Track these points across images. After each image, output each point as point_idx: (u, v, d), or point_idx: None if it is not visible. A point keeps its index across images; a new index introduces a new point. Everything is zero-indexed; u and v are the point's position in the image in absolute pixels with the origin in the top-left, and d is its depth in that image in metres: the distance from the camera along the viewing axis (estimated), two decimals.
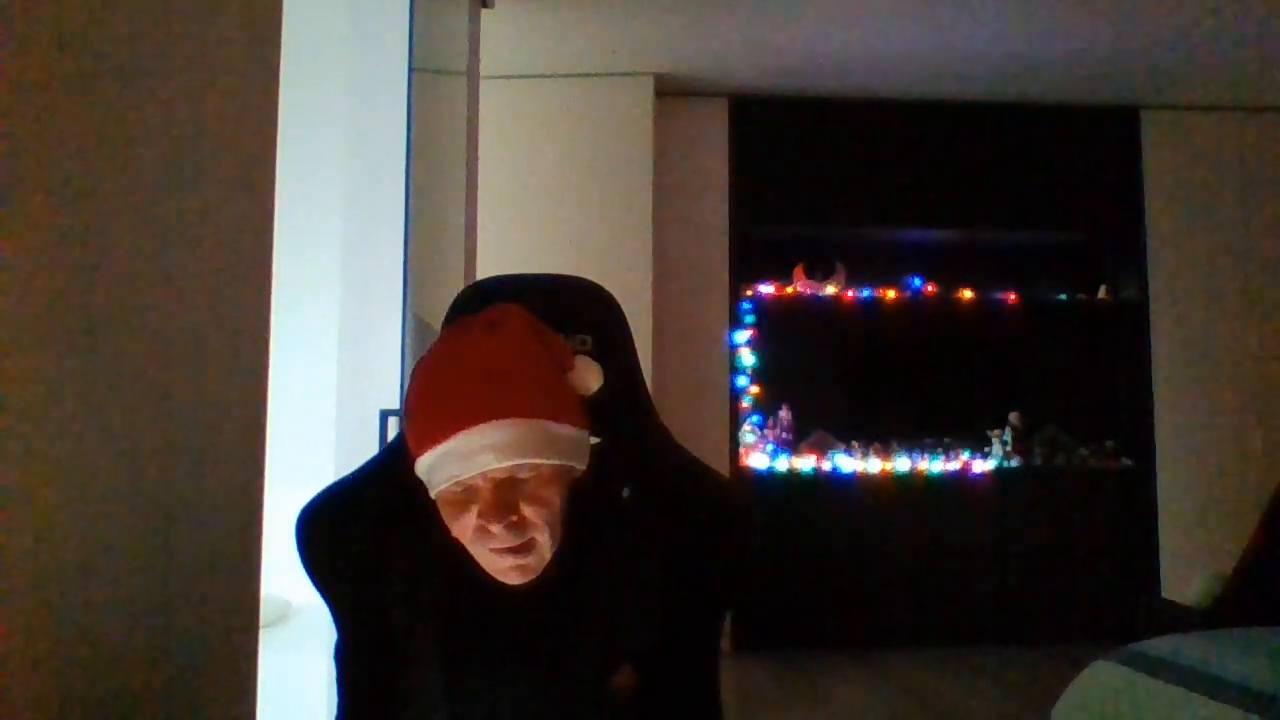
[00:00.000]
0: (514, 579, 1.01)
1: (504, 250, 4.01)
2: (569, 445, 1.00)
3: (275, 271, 1.47)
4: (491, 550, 0.99)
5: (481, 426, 0.96)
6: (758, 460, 4.78)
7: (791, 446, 4.87)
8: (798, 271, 5.03)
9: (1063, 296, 5.11)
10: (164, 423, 1.15)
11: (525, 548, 0.99)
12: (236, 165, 1.37)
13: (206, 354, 1.27)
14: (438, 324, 1.24)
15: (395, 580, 1.07)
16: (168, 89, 1.15)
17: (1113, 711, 1.83)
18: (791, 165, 4.95)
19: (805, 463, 4.77)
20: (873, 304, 5.03)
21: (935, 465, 4.80)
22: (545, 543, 1.00)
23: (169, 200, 1.16)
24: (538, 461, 0.97)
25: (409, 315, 2.32)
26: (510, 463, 0.96)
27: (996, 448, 4.86)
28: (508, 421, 0.96)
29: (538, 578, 1.02)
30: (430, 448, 0.98)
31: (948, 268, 5.10)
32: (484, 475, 0.97)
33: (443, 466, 0.97)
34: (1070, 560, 4.73)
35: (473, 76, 3.43)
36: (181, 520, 1.19)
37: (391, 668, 1.06)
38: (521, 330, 1.01)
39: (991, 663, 4.33)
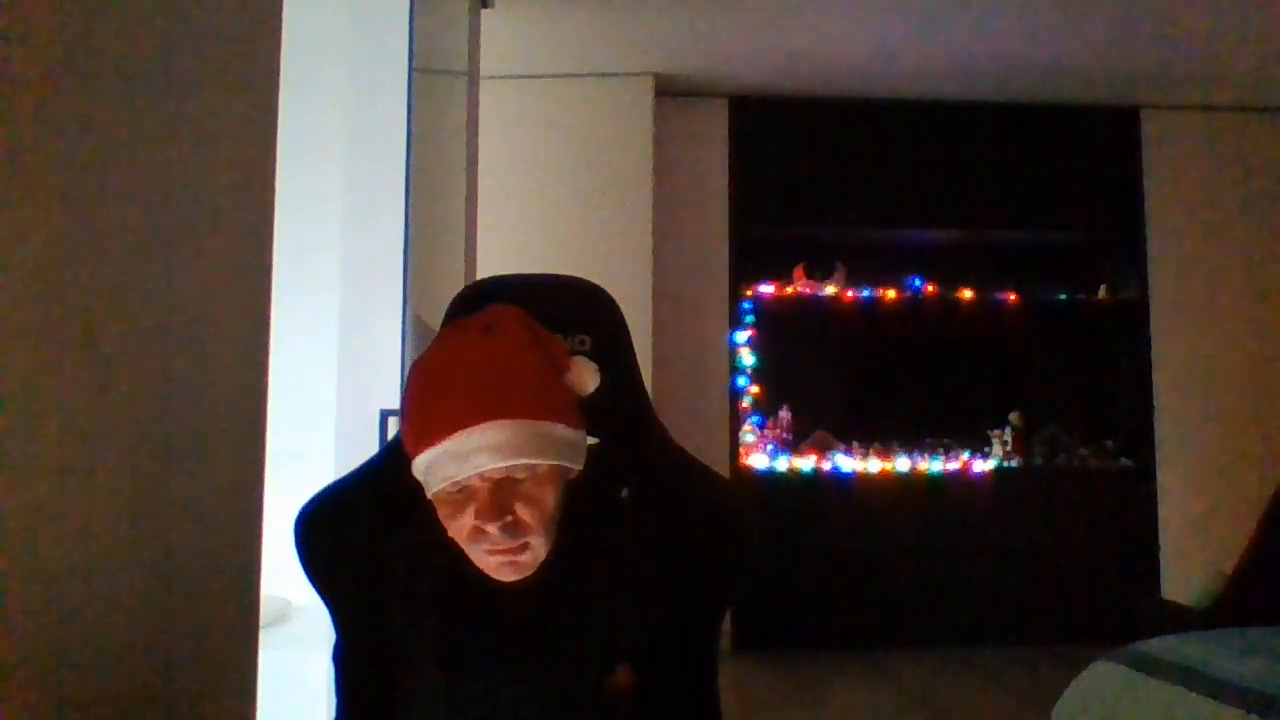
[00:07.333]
0: (507, 575, 1.02)
1: (504, 250, 4.01)
2: (564, 446, 1.01)
3: (275, 271, 1.47)
4: (486, 550, 1.00)
5: (478, 427, 0.96)
6: (758, 460, 4.78)
7: (791, 446, 4.86)
8: (798, 271, 5.03)
9: (1063, 296, 5.11)
10: (164, 423, 1.15)
11: (519, 549, 1.00)
12: (236, 165, 1.37)
13: (206, 354, 1.27)
14: (438, 324, 1.24)
15: (394, 580, 1.07)
16: (168, 89, 1.15)
17: (1113, 711, 1.83)
18: (791, 165, 4.95)
19: (805, 463, 4.77)
20: (873, 304, 5.03)
21: (935, 465, 4.80)
22: (539, 544, 1.01)
23: (169, 200, 1.16)
24: (533, 462, 0.98)
25: (409, 315, 2.32)
26: (506, 463, 0.96)
27: (996, 448, 4.86)
28: (504, 422, 0.96)
29: (537, 578, 1.03)
30: (427, 448, 0.98)
31: (948, 268, 5.10)
32: (480, 475, 0.97)
33: (439, 467, 0.97)
34: (1070, 560, 4.73)
35: (473, 76, 3.43)
36: (181, 520, 1.19)
37: (390, 668, 1.06)
38: (518, 332, 1.01)
39: (991, 663, 4.32)
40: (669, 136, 4.81)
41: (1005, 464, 4.83)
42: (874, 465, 4.77)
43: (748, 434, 4.86)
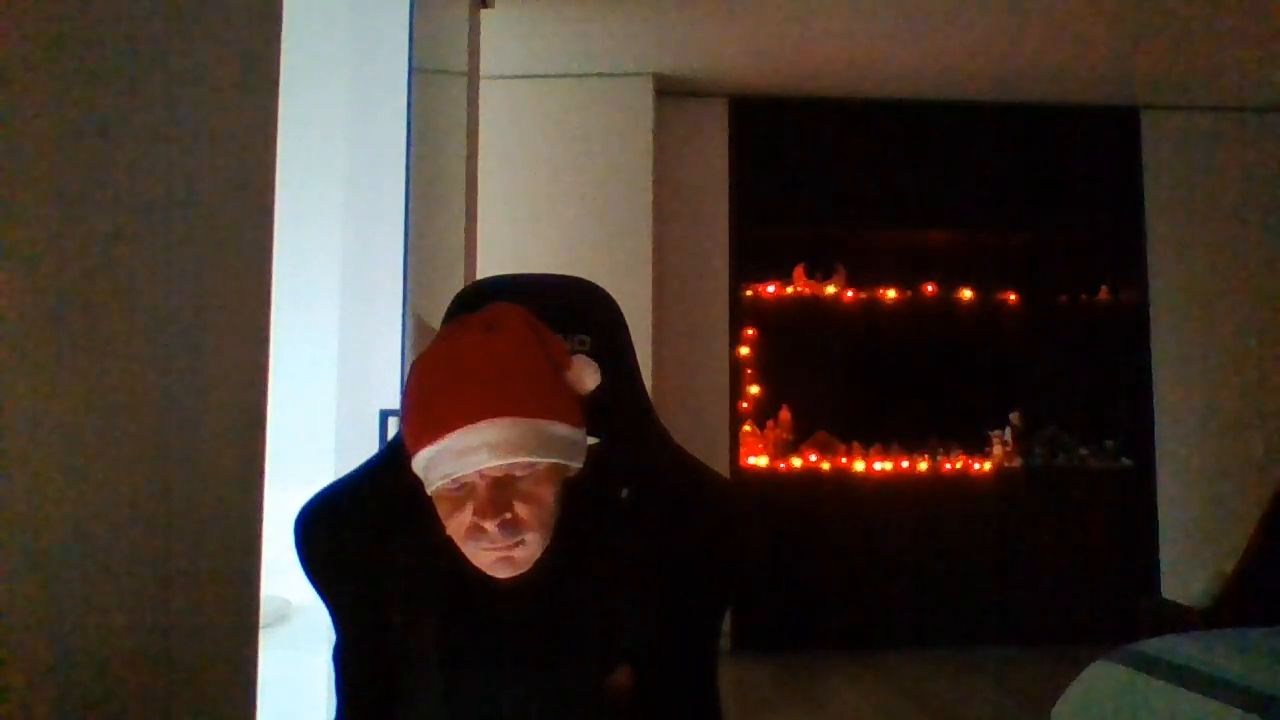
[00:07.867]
0: (502, 571, 1.02)
1: (504, 250, 4.01)
2: (564, 444, 1.01)
3: (275, 271, 1.47)
4: (483, 548, 1.00)
5: (478, 425, 0.96)
6: (758, 460, 4.78)
7: (791, 446, 4.86)
8: (798, 271, 5.03)
9: (1063, 297, 5.11)
10: (164, 423, 1.15)
11: (514, 545, 1.00)
12: (237, 166, 1.37)
13: (206, 354, 1.27)
14: (438, 324, 1.24)
15: (395, 580, 1.07)
16: (168, 89, 1.15)
17: (1113, 711, 1.83)
18: (791, 165, 4.95)
19: (805, 463, 4.77)
20: (873, 304, 5.04)
21: (935, 465, 4.80)
22: (534, 540, 1.01)
23: (169, 200, 1.16)
24: (533, 460, 0.98)
25: (409, 315, 2.32)
26: (506, 461, 0.96)
27: (996, 448, 4.86)
28: (504, 420, 0.96)
29: (537, 577, 1.03)
30: (427, 445, 0.98)
31: (948, 268, 5.10)
32: (480, 473, 0.97)
33: (439, 464, 0.98)
34: (1070, 560, 4.73)
35: (473, 76, 3.43)
36: (181, 520, 1.19)
37: (390, 668, 1.06)
38: (519, 330, 1.01)
39: (991, 663, 4.32)
40: (669, 136, 4.81)
41: (1005, 464, 4.83)
42: (874, 465, 4.77)
43: (748, 434, 4.86)
